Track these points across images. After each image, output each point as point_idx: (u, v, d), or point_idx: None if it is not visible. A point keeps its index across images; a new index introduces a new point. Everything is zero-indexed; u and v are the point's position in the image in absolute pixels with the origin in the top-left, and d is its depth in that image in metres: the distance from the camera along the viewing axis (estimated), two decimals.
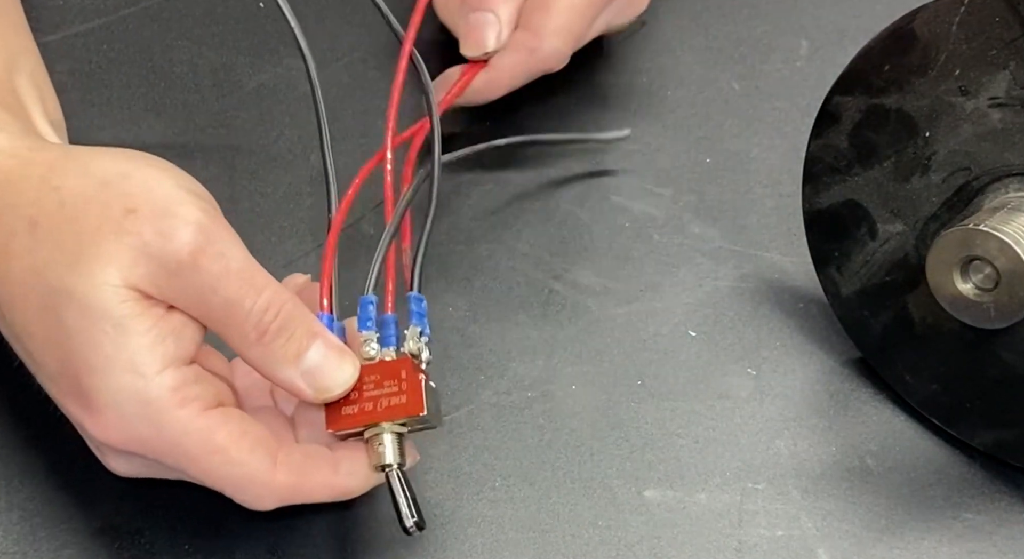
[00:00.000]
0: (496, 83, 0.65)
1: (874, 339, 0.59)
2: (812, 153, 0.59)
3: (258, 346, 0.49)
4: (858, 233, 0.58)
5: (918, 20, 0.54)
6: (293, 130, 0.67)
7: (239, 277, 0.49)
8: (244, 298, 0.49)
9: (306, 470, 0.50)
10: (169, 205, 0.49)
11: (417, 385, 0.50)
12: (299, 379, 0.50)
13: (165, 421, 0.48)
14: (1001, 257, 0.51)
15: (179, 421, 0.48)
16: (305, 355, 0.50)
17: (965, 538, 0.55)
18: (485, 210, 0.65)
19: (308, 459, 0.50)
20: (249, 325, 0.49)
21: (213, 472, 0.49)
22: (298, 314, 0.50)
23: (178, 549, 0.53)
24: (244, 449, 0.49)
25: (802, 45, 0.73)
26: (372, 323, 0.52)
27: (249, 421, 0.50)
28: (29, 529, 0.53)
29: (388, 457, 0.50)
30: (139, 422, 0.49)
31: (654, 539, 0.54)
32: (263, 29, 0.72)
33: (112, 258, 0.48)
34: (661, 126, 0.69)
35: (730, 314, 0.62)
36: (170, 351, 0.49)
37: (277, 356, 0.49)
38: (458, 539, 0.54)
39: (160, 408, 0.48)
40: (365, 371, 0.51)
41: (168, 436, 0.49)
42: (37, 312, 0.49)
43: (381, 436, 0.50)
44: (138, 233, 0.48)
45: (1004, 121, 0.53)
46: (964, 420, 0.57)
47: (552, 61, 0.65)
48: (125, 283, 0.48)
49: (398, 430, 0.51)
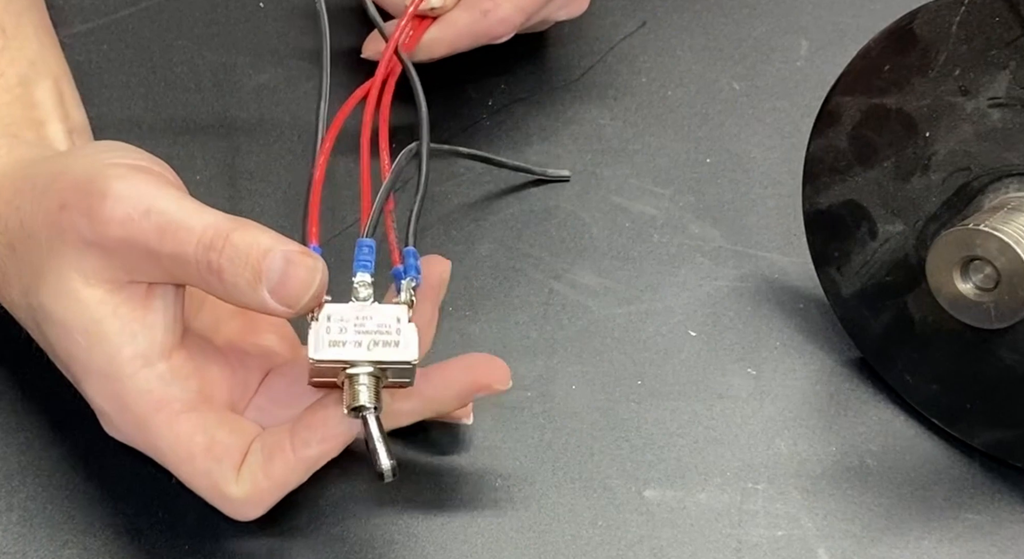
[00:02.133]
0: (441, 41, 0.65)
1: (874, 339, 0.59)
2: (812, 153, 0.59)
3: (220, 284, 0.48)
4: (858, 233, 0.58)
5: (918, 20, 0.54)
6: (293, 130, 0.67)
7: (172, 227, 0.48)
8: (185, 246, 0.48)
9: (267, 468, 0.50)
10: (90, 184, 0.49)
11: (411, 333, 0.49)
12: (270, 300, 0.48)
13: (144, 425, 0.49)
14: (1001, 257, 0.51)
15: (156, 426, 0.49)
16: (264, 276, 0.48)
17: (965, 538, 0.55)
18: (485, 210, 0.65)
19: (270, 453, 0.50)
20: (202, 268, 0.48)
21: (188, 480, 0.50)
22: (247, 237, 0.48)
23: (178, 549, 0.53)
24: (211, 459, 0.49)
25: (802, 45, 0.73)
26: (370, 265, 0.51)
27: (224, 428, 0.50)
28: (29, 529, 0.53)
29: (365, 398, 0.49)
30: (124, 424, 0.50)
31: (654, 539, 0.54)
32: (263, 29, 0.72)
33: (64, 263, 0.49)
34: (661, 126, 0.69)
35: (730, 314, 0.62)
36: (141, 349, 0.49)
37: (240, 286, 0.48)
38: (458, 539, 0.54)
39: (137, 412, 0.49)
40: (359, 311, 0.50)
41: (149, 440, 0.50)
42: (34, 331, 0.52)
43: (360, 377, 0.49)
44: (72, 227, 0.48)
45: (1004, 121, 0.53)
46: (964, 420, 0.57)
47: (501, 28, 0.65)
48: (85, 283, 0.49)
49: (377, 375, 0.49)
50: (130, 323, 0.49)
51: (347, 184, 0.64)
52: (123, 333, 0.49)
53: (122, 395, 0.49)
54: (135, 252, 0.48)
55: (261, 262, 0.48)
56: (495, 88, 0.70)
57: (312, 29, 0.71)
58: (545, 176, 0.67)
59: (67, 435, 0.55)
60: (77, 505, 0.54)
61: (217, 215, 0.49)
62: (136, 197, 0.48)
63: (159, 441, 0.49)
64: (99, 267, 0.49)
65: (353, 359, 0.49)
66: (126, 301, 0.49)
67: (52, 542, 0.53)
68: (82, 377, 0.50)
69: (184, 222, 0.48)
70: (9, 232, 0.51)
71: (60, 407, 0.56)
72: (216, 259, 0.48)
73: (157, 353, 0.49)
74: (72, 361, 0.50)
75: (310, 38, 0.71)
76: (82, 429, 0.55)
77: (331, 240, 0.62)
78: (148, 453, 0.50)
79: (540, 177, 0.67)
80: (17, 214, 0.51)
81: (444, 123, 0.68)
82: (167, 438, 0.49)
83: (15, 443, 0.55)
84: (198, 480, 0.50)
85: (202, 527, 0.53)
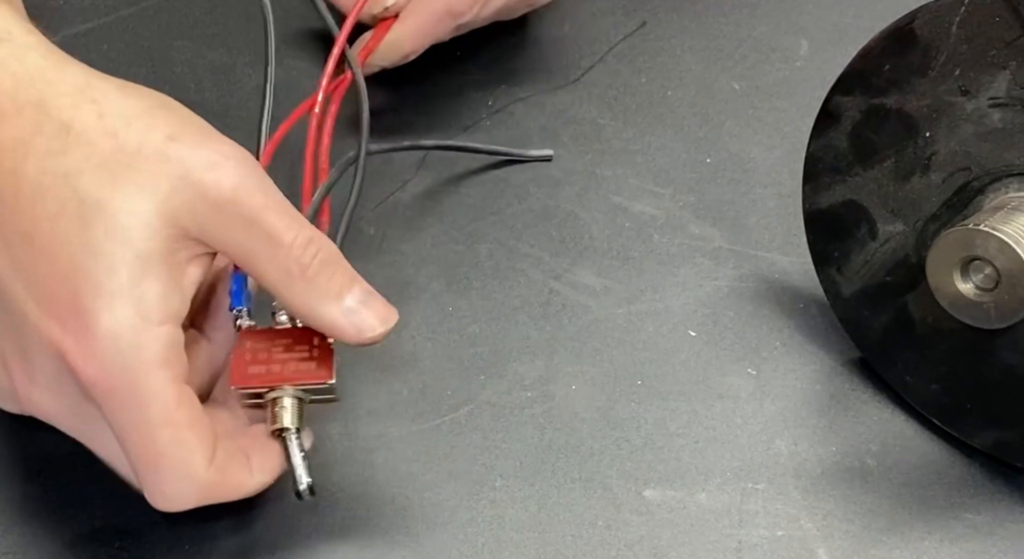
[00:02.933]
0: (407, 35, 0.65)
1: (874, 339, 0.59)
2: (812, 153, 0.59)
3: (301, 281, 0.48)
4: (858, 233, 0.58)
5: (918, 20, 0.54)
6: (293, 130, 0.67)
7: (282, 210, 0.48)
8: (287, 230, 0.48)
9: (227, 468, 0.49)
10: (211, 138, 0.48)
11: (328, 354, 0.50)
12: (340, 317, 0.49)
13: (144, 374, 0.47)
14: (1001, 257, 0.51)
15: (156, 380, 0.47)
16: (348, 294, 0.49)
17: (965, 538, 0.55)
18: (485, 210, 0.65)
19: (229, 460, 0.49)
20: (292, 258, 0.48)
21: (156, 445, 0.47)
22: (340, 256, 0.49)
23: (178, 549, 0.53)
24: (195, 434, 0.48)
25: (802, 45, 0.74)
26: None
27: (204, 412, 0.49)
28: (29, 529, 0.53)
29: (287, 421, 0.50)
30: (121, 363, 0.46)
31: (654, 539, 0.54)
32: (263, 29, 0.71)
33: (152, 183, 0.47)
34: (661, 126, 0.69)
35: (730, 314, 0.62)
36: (175, 307, 0.48)
37: (319, 292, 0.48)
38: (458, 539, 0.54)
39: (147, 359, 0.47)
40: (276, 335, 0.51)
41: (138, 390, 0.47)
42: (53, 215, 0.47)
43: (283, 400, 0.50)
44: (180, 159, 0.47)
45: (1004, 121, 0.53)
46: (964, 420, 0.57)
47: (461, 5, 0.65)
48: (160, 215, 0.47)
49: (300, 396, 0.51)
50: (177, 278, 0.48)
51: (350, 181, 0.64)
52: (168, 281, 0.47)
53: (140, 335, 0.46)
54: (231, 213, 0.47)
55: (350, 282, 0.49)
56: (495, 88, 0.70)
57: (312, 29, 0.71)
58: (525, 157, 0.67)
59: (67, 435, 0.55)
60: (77, 505, 0.54)
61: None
62: (254, 171, 0.48)
63: (152, 397, 0.47)
64: (181, 206, 0.47)
65: (273, 384, 0.50)
66: (175, 253, 0.48)
67: (52, 542, 0.53)
68: (105, 295, 0.46)
69: (292, 212, 0.48)
70: (73, 111, 0.48)
71: None
72: (311, 256, 0.48)
73: (180, 318, 0.48)
74: (105, 275, 0.46)
75: (310, 38, 0.71)
76: None
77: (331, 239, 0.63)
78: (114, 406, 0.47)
79: (520, 158, 0.67)
80: (95, 106, 0.48)
81: (444, 123, 0.68)
82: (163, 397, 0.47)
83: (15, 443, 0.55)
84: (173, 449, 0.47)
85: (202, 527, 0.53)
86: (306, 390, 0.51)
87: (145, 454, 0.48)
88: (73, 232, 0.47)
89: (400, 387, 0.58)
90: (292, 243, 0.48)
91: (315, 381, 0.50)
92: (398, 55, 0.66)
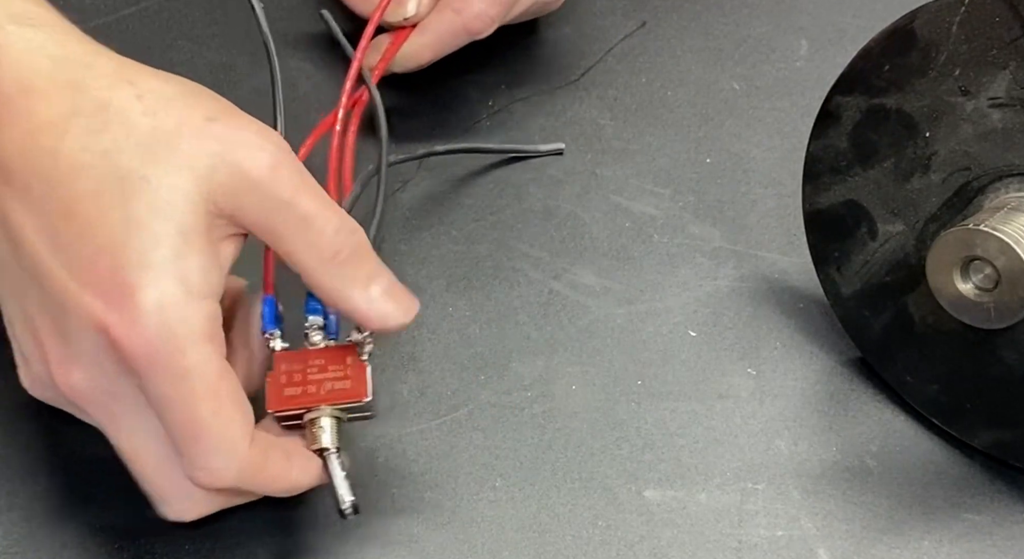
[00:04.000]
0: (425, 46, 0.66)
1: (874, 339, 0.59)
2: (812, 153, 0.59)
3: (331, 264, 0.49)
4: (858, 233, 0.58)
5: (918, 20, 0.54)
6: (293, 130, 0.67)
7: (316, 194, 0.49)
8: (321, 214, 0.48)
9: (270, 454, 0.49)
10: (250, 121, 0.49)
11: (362, 371, 0.51)
12: (364, 303, 0.49)
13: (189, 346, 0.47)
14: (1001, 257, 0.51)
15: (200, 352, 0.47)
16: (375, 282, 0.49)
17: (965, 538, 0.55)
18: (484, 210, 0.65)
19: (271, 446, 0.49)
20: (325, 241, 0.48)
21: (199, 419, 0.47)
22: (369, 246, 0.50)
23: (178, 549, 0.53)
24: (237, 409, 0.48)
25: (802, 45, 0.73)
26: (320, 308, 0.52)
27: (243, 392, 0.49)
28: (29, 529, 0.53)
29: (327, 441, 0.51)
30: (167, 335, 0.46)
31: (654, 539, 0.54)
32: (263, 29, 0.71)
33: (191, 161, 0.47)
34: (661, 126, 0.69)
35: (730, 314, 0.62)
36: (215, 281, 0.48)
37: (349, 277, 0.49)
38: (458, 539, 0.54)
39: (191, 331, 0.47)
40: (310, 356, 0.51)
41: (182, 363, 0.47)
42: (93, 192, 0.47)
43: (320, 420, 0.51)
44: (218, 139, 0.48)
45: (1004, 121, 0.53)
46: (964, 420, 0.57)
47: (478, 23, 0.65)
48: (200, 192, 0.47)
49: (337, 415, 0.51)
50: (217, 254, 0.48)
51: None
52: (210, 256, 0.48)
53: (185, 308, 0.46)
54: (268, 193, 0.48)
55: (377, 271, 0.50)
56: (495, 88, 0.70)
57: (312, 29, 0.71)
58: (537, 153, 0.67)
59: (67, 435, 0.55)
60: (77, 505, 0.54)
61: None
62: (290, 155, 0.49)
63: (197, 369, 0.47)
64: (220, 186, 0.47)
65: (310, 405, 0.51)
66: (215, 229, 0.48)
67: (52, 542, 0.53)
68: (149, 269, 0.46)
69: (325, 196, 0.49)
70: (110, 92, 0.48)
71: None
72: (343, 241, 0.49)
73: (219, 293, 0.48)
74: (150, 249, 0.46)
75: (310, 38, 0.71)
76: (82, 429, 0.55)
77: None
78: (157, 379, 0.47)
79: (532, 154, 0.67)
80: (132, 87, 0.49)
81: (444, 123, 0.68)
82: (207, 370, 0.47)
83: (15, 443, 0.55)
84: (216, 423, 0.47)
85: (202, 527, 0.53)
86: (343, 409, 0.51)
87: (188, 426, 0.47)
88: (114, 208, 0.47)
89: (400, 387, 0.58)
90: (325, 227, 0.48)
91: (352, 400, 0.51)
92: (413, 65, 0.66)
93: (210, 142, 0.48)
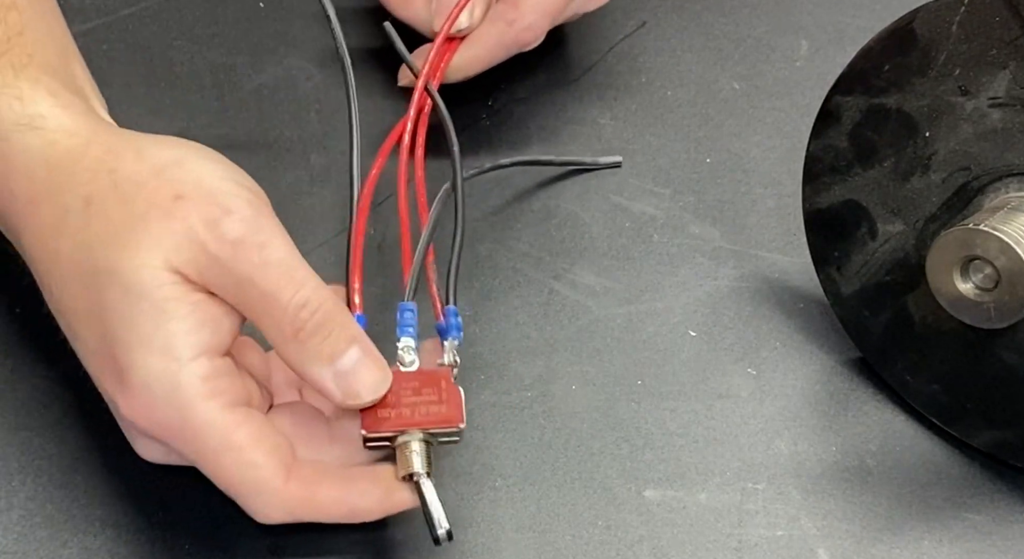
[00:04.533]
0: (475, 59, 0.66)
1: (874, 339, 0.59)
2: (812, 153, 0.59)
3: (293, 342, 0.49)
4: (858, 233, 0.58)
5: (918, 20, 0.54)
6: (293, 130, 0.67)
7: (279, 270, 0.49)
8: (282, 291, 0.49)
9: (318, 482, 0.50)
10: (217, 194, 0.50)
11: (457, 396, 0.51)
12: (330, 380, 0.49)
13: (189, 409, 0.48)
14: (1001, 257, 0.51)
15: (203, 412, 0.48)
16: (340, 358, 0.49)
17: (965, 538, 0.55)
18: (485, 210, 0.65)
19: (321, 474, 0.50)
20: (286, 320, 0.49)
21: (226, 471, 0.49)
22: (338, 315, 0.50)
23: (178, 549, 0.53)
24: (260, 452, 0.49)
25: (802, 45, 0.73)
26: (413, 330, 0.52)
27: (270, 427, 0.50)
28: (29, 529, 0.53)
29: (418, 465, 0.50)
30: (165, 406, 0.48)
31: (654, 539, 0.54)
32: (263, 29, 0.72)
33: (157, 241, 0.49)
34: (661, 126, 0.69)
35: (730, 314, 0.62)
36: (205, 339, 0.49)
37: (311, 354, 0.49)
38: (458, 539, 0.54)
39: (187, 396, 0.48)
40: (403, 378, 0.51)
41: (190, 425, 0.48)
42: (81, 288, 0.50)
43: (411, 444, 0.50)
44: (184, 218, 0.49)
45: (1004, 121, 0.53)
46: (964, 420, 0.57)
47: (528, 35, 0.66)
48: (167, 266, 0.49)
49: (428, 439, 0.51)
50: (200, 313, 0.49)
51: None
52: (190, 319, 0.49)
53: (176, 376, 0.48)
54: (232, 272, 0.49)
55: (344, 345, 0.49)
56: (495, 88, 0.70)
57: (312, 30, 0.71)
58: (597, 165, 0.67)
59: (67, 434, 0.55)
60: (77, 505, 0.54)
61: (318, 279, 0.50)
62: (256, 227, 0.49)
63: (206, 427, 0.48)
64: (187, 261, 0.49)
65: (403, 428, 0.50)
66: (193, 292, 0.49)
67: (52, 542, 0.53)
68: (132, 349, 0.49)
69: (292, 271, 0.49)
70: (93, 186, 0.50)
71: (60, 406, 0.56)
72: (305, 318, 0.49)
73: (216, 347, 0.49)
74: (128, 331, 0.49)
75: (310, 38, 0.71)
76: (82, 429, 0.55)
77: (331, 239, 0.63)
78: (178, 445, 0.49)
79: (592, 167, 0.67)
80: (111, 176, 0.50)
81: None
82: (217, 425, 0.48)
83: (15, 443, 0.55)
84: (241, 471, 0.49)
85: (202, 527, 0.53)
86: (434, 433, 0.51)
87: (220, 480, 0.49)
88: (96, 301, 0.49)
89: None
90: (287, 304, 0.49)
91: (447, 425, 0.51)
92: (461, 77, 0.66)
93: (176, 222, 0.49)
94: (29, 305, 0.58)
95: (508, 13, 0.65)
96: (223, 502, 0.50)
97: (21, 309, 0.58)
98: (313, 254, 0.62)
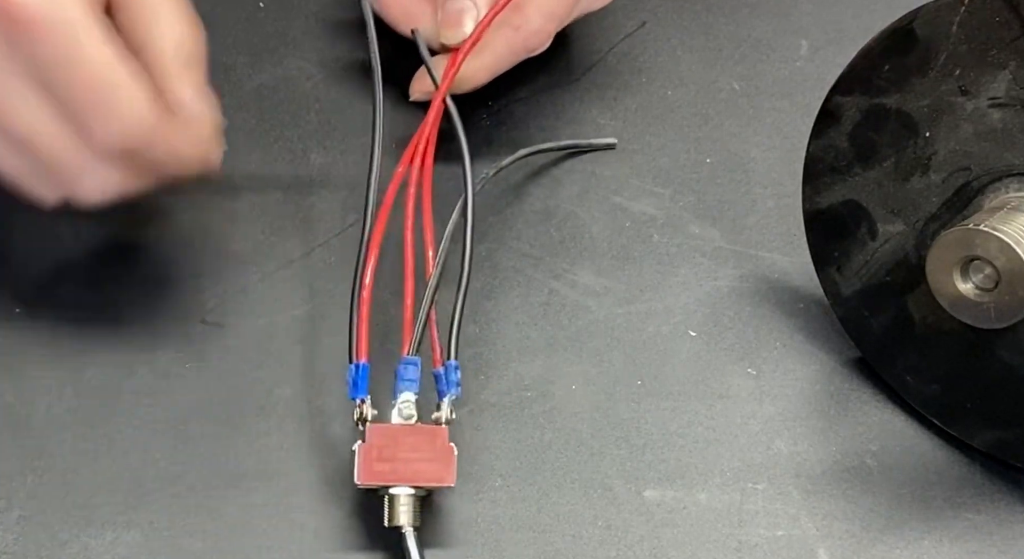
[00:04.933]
0: (482, 68, 0.65)
1: (874, 339, 0.59)
2: (812, 153, 0.59)
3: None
4: (858, 233, 0.58)
5: (918, 20, 0.54)
6: (293, 130, 0.67)
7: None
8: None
9: (169, 116, 0.50)
10: None
11: (450, 456, 0.52)
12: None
13: (68, 3, 0.48)
14: (1001, 257, 0.51)
15: (79, 7, 0.49)
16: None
17: (965, 538, 0.55)
18: (485, 210, 0.65)
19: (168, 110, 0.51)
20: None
21: (93, 72, 0.49)
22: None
23: (178, 549, 0.53)
24: (131, 63, 0.50)
25: (802, 45, 0.73)
26: (415, 385, 0.53)
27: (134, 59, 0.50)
28: (29, 529, 0.53)
29: (405, 520, 0.51)
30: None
31: (654, 539, 0.54)
32: (263, 29, 0.72)
33: None
34: (661, 126, 0.69)
35: (730, 314, 0.62)
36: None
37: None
38: (458, 539, 0.54)
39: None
40: (402, 432, 0.52)
41: (63, 14, 0.48)
42: None
43: (400, 497, 0.51)
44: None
45: (1004, 121, 0.53)
46: (964, 420, 0.57)
47: (536, 39, 0.65)
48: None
49: (418, 494, 0.52)
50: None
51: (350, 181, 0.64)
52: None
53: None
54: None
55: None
56: (495, 88, 0.70)
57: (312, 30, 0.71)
58: (591, 147, 0.68)
59: (67, 434, 0.55)
60: (77, 505, 0.54)
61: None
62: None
63: (79, 17, 0.49)
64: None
65: (395, 482, 0.51)
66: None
67: (52, 542, 0.53)
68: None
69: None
70: None
71: (60, 406, 0.56)
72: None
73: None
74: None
75: (310, 38, 0.71)
76: (82, 428, 0.55)
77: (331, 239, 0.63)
78: (42, 38, 0.49)
79: (586, 149, 0.68)
80: None
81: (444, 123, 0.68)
82: (88, 20, 0.49)
83: (15, 443, 0.55)
84: (107, 70, 0.49)
85: (202, 527, 0.53)
86: (423, 487, 0.52)
87: (84, 81, 0.49)
88: None
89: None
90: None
91: (438, 484, 0.52)
92: (470, 87, 0.65)
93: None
94: (29, 305, 0.58)
95: (514, 18, 0.65)
96: (223, 501, 0.50)
97: (21, 309, 0.58)
98: (315, 253, 0.62)
